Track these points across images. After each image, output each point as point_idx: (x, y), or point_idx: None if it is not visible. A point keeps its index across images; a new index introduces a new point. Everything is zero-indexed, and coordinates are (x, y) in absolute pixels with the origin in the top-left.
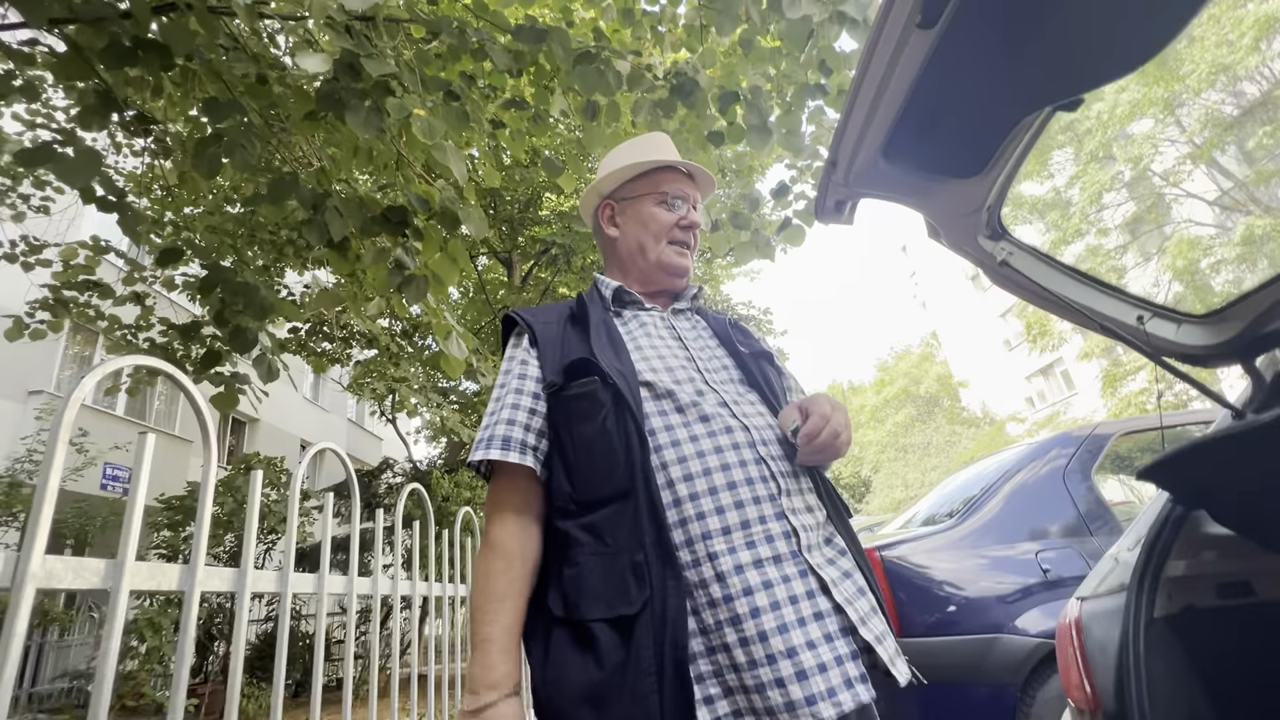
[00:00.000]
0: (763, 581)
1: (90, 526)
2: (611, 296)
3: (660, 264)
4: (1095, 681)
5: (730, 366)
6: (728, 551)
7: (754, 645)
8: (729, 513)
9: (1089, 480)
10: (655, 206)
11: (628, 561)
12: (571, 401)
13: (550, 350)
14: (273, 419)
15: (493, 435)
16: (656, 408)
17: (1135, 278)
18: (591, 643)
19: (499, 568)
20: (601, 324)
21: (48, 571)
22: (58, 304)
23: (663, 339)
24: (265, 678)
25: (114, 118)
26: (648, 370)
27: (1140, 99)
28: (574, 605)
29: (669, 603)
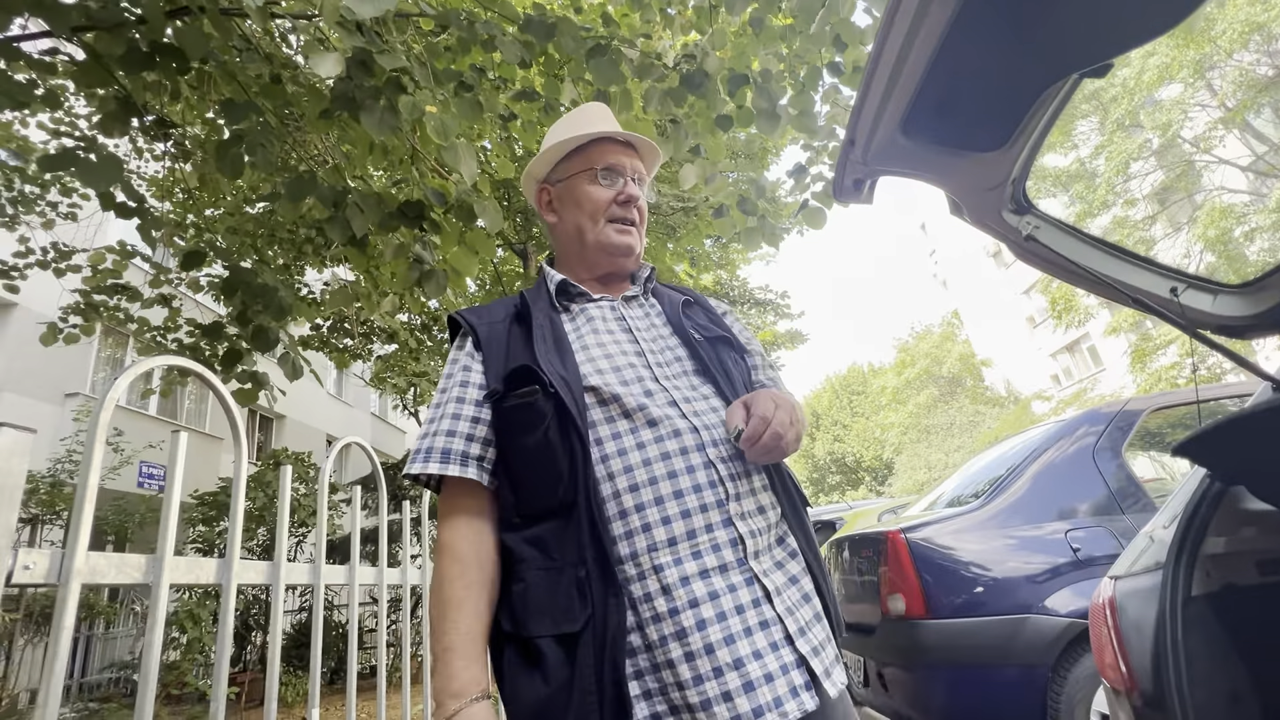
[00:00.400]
0: (709, 592)
1: (129, 523)
2: (556, 291)
3: (601, 245)
4: (1131, 661)
5: (684, 357)
6: (674, 563)
7: (700, 659)
8: (675, 523)
9: (1120, 458)
10: (589, 184)
11: (572, 577)
12: (512, 413)
13: (494, 353)
14: (298, 415)
15: (431, 447)
16: (603, 414)
17: (1165, 249)
18: (539, 660)
19: (454, 573)
20: (546, 323)
21: (92, 568)
22: (89, 308)
23: (611, 334)
24: (301, 666)
25: (134, 123)
26: (593, 373)
27: (1169, 63)
28: (521, 621)
29: (609, 620)
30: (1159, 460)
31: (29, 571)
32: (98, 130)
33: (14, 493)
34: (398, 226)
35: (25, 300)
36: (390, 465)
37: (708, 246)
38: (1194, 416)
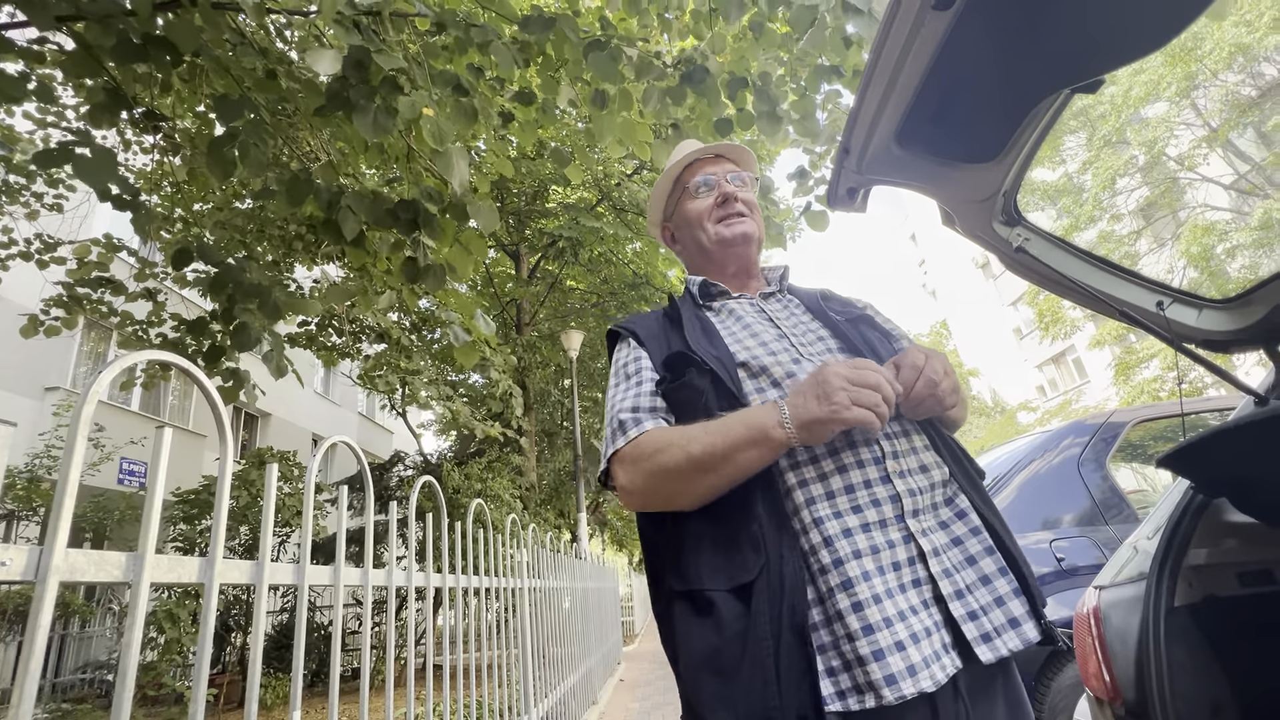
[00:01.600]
0: (870, 546)
1: (108, 520)
2: (699, 290)
3: (719, 243)
4: (1115, 671)
5: (827, 337)
6: (834, 516)
7: (869, 609)
8: (833, 478)
9: (1104, 469)
10: (690, 202)
11: (744, 531)
12: (675, 393)
13: (654, 348)
14: (284, 413)
15: (624, 421)
16: (754, 385)
17: (1150, 264)
18: (710, 610)
19: (674, 436)
20: (694, 318)
21: (70, 565)
22: (71, 301)
23: (756, 322)
24: (282, 668)
25: (123, 115)
26: (742, 351)
27: (1156, 80)
28: (694, 577)
29: (785, 569)
30: (1142, 472)
31: (5, 568)
32: (85, 121)
33: None
34: (392, 225)
35: (6, 292)
36: (377, 465)
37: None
38: (1176, 429)
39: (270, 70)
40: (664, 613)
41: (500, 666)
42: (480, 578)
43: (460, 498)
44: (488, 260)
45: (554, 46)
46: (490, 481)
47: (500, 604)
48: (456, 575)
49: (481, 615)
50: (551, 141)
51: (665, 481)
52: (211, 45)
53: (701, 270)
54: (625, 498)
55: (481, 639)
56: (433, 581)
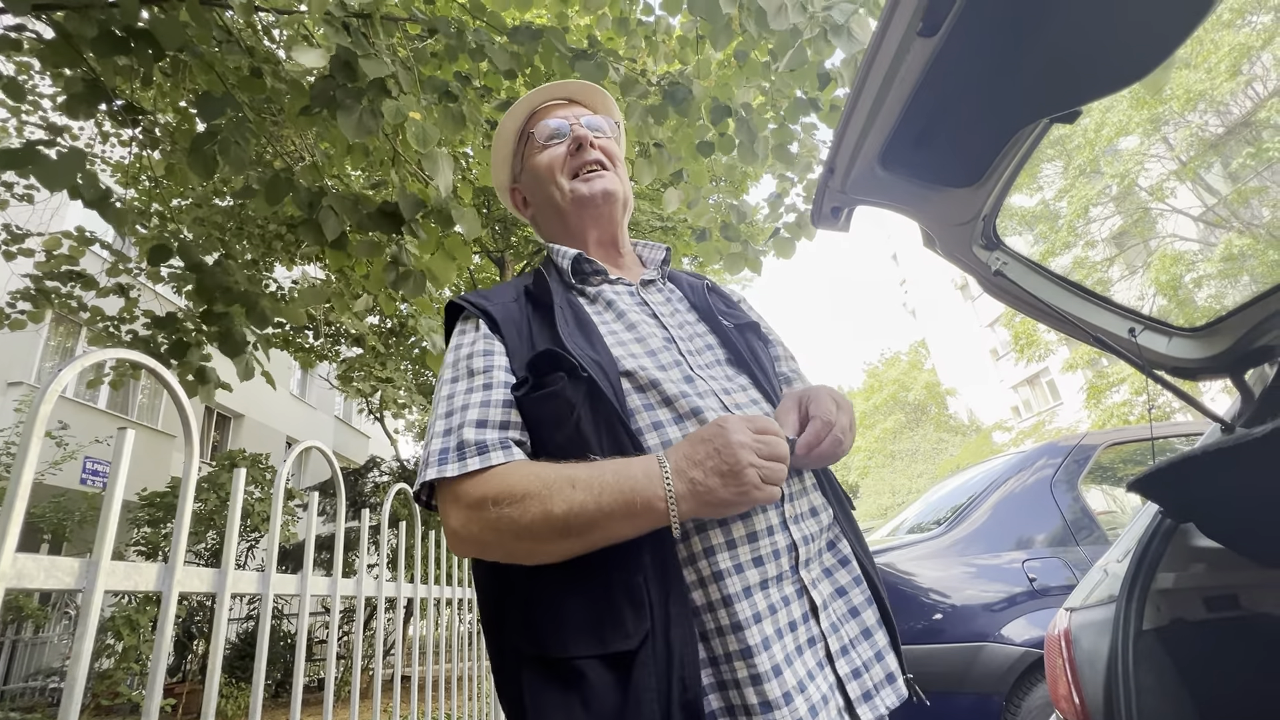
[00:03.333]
0: (769, 605)
1: (68, 521)
2: (570, 268)
3: (575, 202)
4: (1084, 693)
5: (715, 345)
6: (734, 570)
7: (768, 682)
8: (734, 524)
9: (1075, 490)
10: (540, 152)
11: (620, 583)
12: (538, 405)
13: (514, 337)
14: (258, 415)
15: (463, 441)
16: (641, 401)
17: (1121, 290)
18: (578, 683)
19: (531, 476)
20: (566, 305)
21: (18, 571)
22: (39, 294)
23: (638, 317)
24: (245, 677)
25: (102, 107)
26: (626, 357)
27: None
28: (550, 640)
29: (674, 633)
30: (1112, 494)
31: None
32: (63, 112)
33: None
34: (375, 229)
35: None
36: (352, 471)
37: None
38: (1146, 452)
39: (256, 69)
40: (509, 681)
41: (471, 679)
42: (453, 588)
43: None
44: (472, 266)
45: (542, 58)
46: None
47: (473, 615)
48: (429, 585)
49: (454, 626)
50: None
51: (512, 540)
52: (197, 41)
53: (557, 238)
54: (456, 543)
55: (453, 650)
56: (404, 591)
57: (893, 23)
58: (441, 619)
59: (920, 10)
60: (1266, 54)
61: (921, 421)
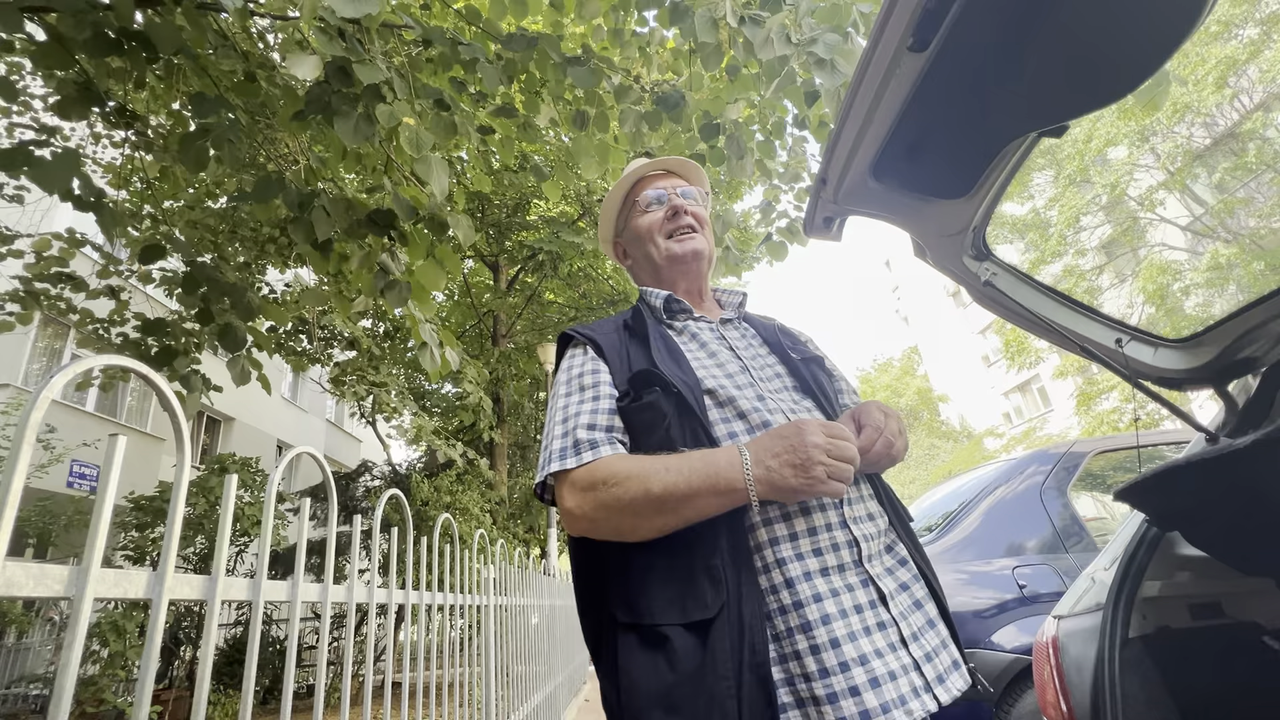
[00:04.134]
0: (830, 589)
1: (54, 525)
2: (663, 306)
3: (669, 259)
4: (1071, 700)
5: (783, 374)
6: (795, 558)
7: (825, 653)
8: (796, 519)
9: (1065, 497)
10: (640, 218)
11: (701, 565)
12: (637, 413)
13: (615, 361)
14: (249, 418)
15: (579, 440)
16: (719, 415)
17: (1111, 298)
18: (663, 646)
19: (632, 467)
20: (659, 335)
21: (7, 579)
22: (28, 296)
23: (718, 349)
24: (233, 684)
25: (94, 109)
26: (708, 377)
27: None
28: (643, 610)
29: (745, 608)
30: (1101, 501)
31: None
32: (54, 113)
33: None
34: (366, 234)
35: None
36: (343, 475)
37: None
38: (1134, 461)
39: (250, 73)
40: (605, 645)
41: (462, 685)
42: (445, 594)
43: (429, 510)
44: (466, 270)
45: (537, 65)
46: (460, 495)
47: (465, 621)
48: (420, 591)
49: (445, 632)
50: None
51: (618, 516)
52: (192, 45)
53: (652, 286)
54: (571, 522)
55: (444, 657)
56: (395, 598)
57: (884, 38)
58: (433, 625)
59: (911, 26)
60: (1253, 67)
61: (914, 427)
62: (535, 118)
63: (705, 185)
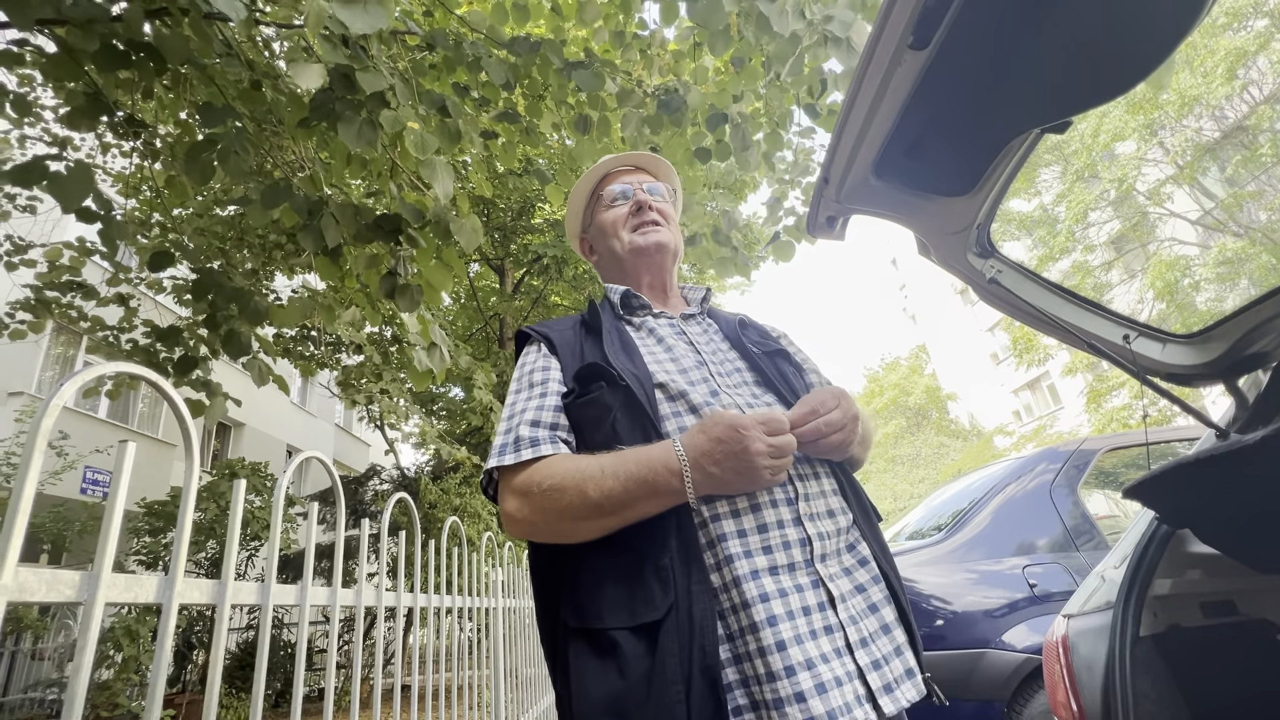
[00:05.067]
0: (778, 589)
1: (68, 531)
2: (620, 301)
3: (632, 251)
4: (1082, 700)
5: (743, 369)
6: (743, 555)
7: (772, 655)
8: (745, 516)
9: (1075, 495)
10: (605, 212)
11: (651, 565)
12: (581, 409)
13: (568, 357)
14: (258, 423)
15: (520, 437)
16: (670, 409)
17: (1120, 294)
18: (613, 651)
19: (569, 467)
20: (613, 329)
21: (20, 584)
22: (40, 304)
23: (675, 343)
24: (244, 687)
25: (103, 119)
26: (660, 372)
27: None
28: (591, 614)
29: (695, 607)
30: (1112, 499)
31: None
32: (64, 124)
33: None
34: (374, 239)
35: None
36: (352, 479)
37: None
38: (1145, 459)
39: (256, 82)
40: (557, 651)
41: (472, 688)
42: (454, 597)
43: (436, 513)
44: (472, 274)
45: (540, 70)
46: (468, 498)
47: (474, 624)
48: (429, 595)
49: (454, 635)
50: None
51: (556, 520)
52: (199, 55)
53: (615, 280)
54: (511, 526)
55: (453, 659)
56: (404, 601)
57: (884, 36)
58: (442, 628)
59: (911, 24)
60: (1262, 58)
61: (922, 426)
62: (538, 122)
63: (674, 183)
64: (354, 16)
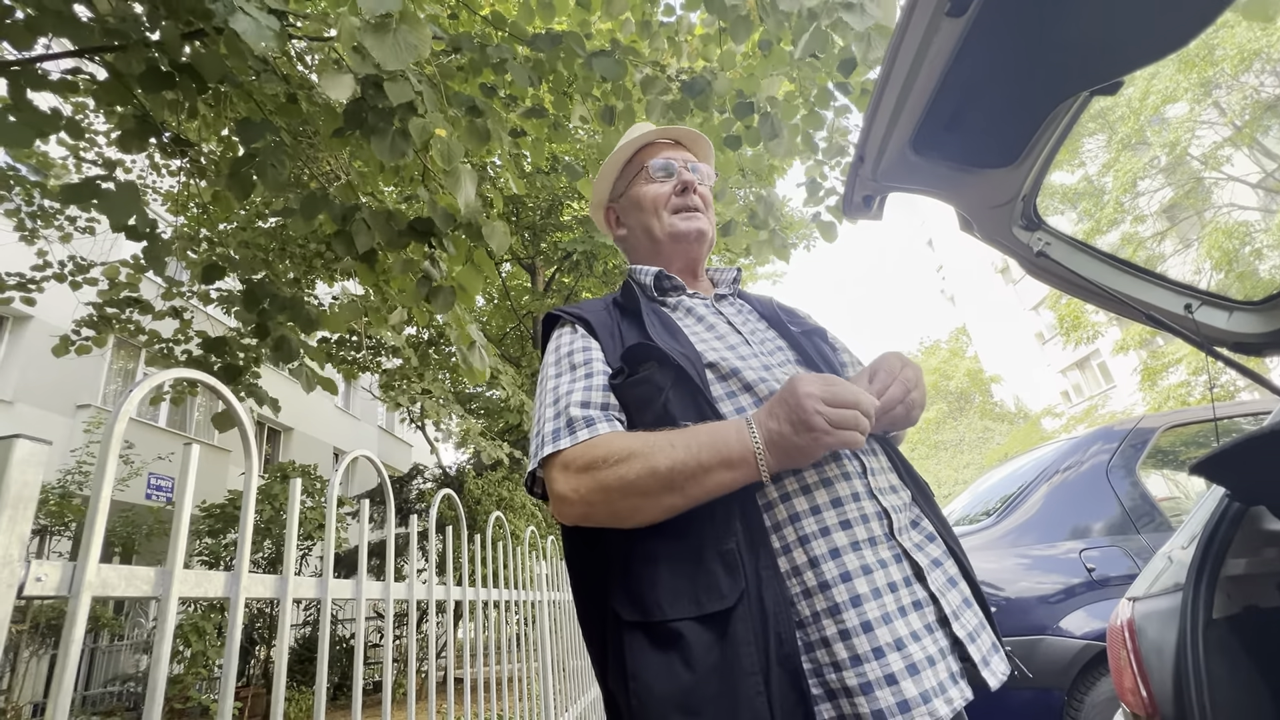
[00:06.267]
0: (861, 566)
1: (136, 535)
2: (653, 283)
3: (671, 235)
4: (1151, 685)
5: (784, 347)
6: (820, 533)
7: (857, 638)
8: (817, 491)
9: (1134, 476)
10: (645, 184)
11: (714, 549)
12: (631, 389)
13: (606, 338)
14: (305, 428)
15: (573, 418)
16: (724, 389)
17: (1174, 266)
18: (675, 643)
19: (636, 449)
20: (651, 311)
21: (102, 580)
22: (101, 320)
23: (715, 322)
24: (304, 681)
25: (152, 140)
26: (709, 351)
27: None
28: (650, 604)
29: (766, 593)
30: (1173, 479)
31: (40, 584)
32: (116, 147)
33: (29, 504)
34: (408, 243)
35: (41, 313)
36: (397, 479)
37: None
38: (1209, 434)
39: (291, 94)
40: (610, 646)
41: (521, 680)
42: (500, 590)
43: (480, 508)
44: (504, 274)
45: (564, 64)
46: (513, 492)
47: (520, 617)
48: (476, 588)
49: (501, 628)
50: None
51: (619, 497)
52: (235, 72)
53: (643, 260)
54: (563, 508)
55: (501, 652)
56: (453, 595)
57: (919, 3)
58: (490, 621)
59: None
60: None
61: (965, 411)
62: (565, 116)
63: (712, 163)
64: (385, 51)
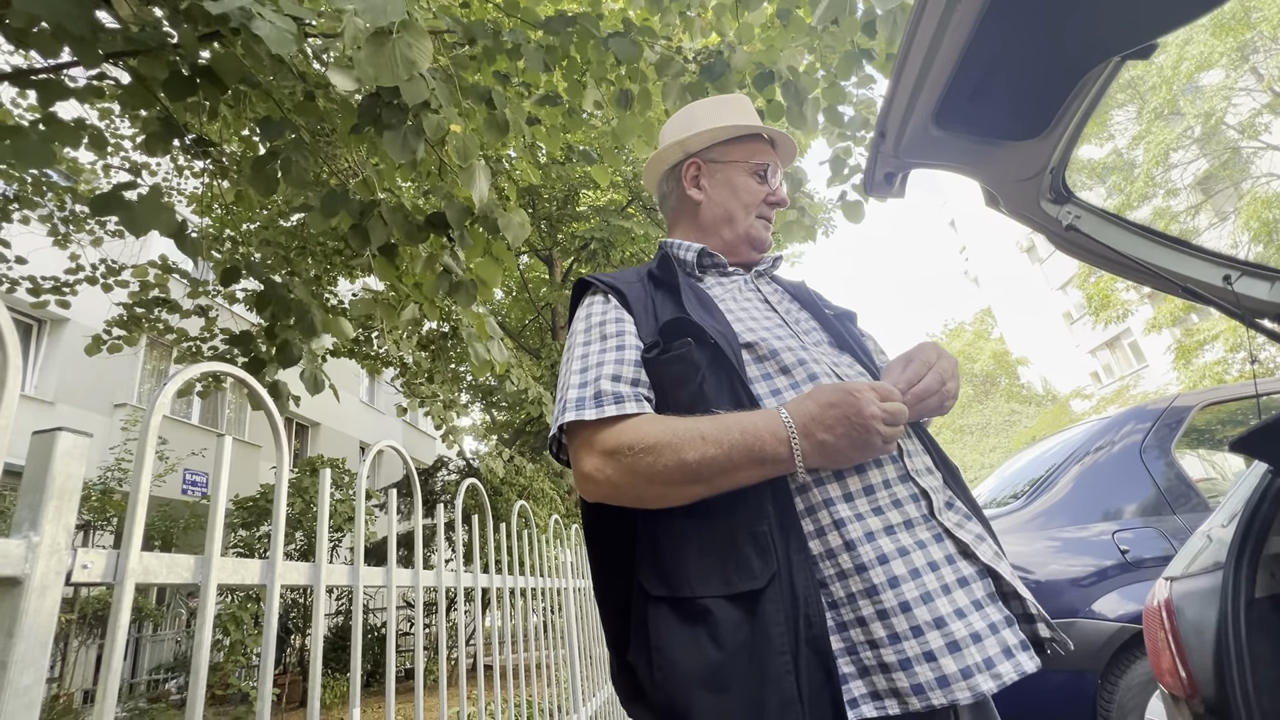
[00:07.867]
0: (897, 549)
1: (174, 529)
2: (695, 260)
3: (747, 237)
4: (1191, 666)
5: (818, 329)
6: (854, 518)
7: (895, 618)
8: (850, 478)
9: (1169, 455)
10: (749, 176)
11: (746, 531)
12: (666, 366)
13: (640, 311)
14: (332, 423)
15: (600, 391)
16: (760, 370)
17: (1209, 239)
18: (704, 619)
19: (665, 440)
20: (689, 286)
21: (145, 568)
22: (131, 320)
23: (750, 302)
24: (338, 668)
25: (175, 143)
26: (746, 331)
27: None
28: (679, 581)
29: (798, 577)
30: (1210, 459)
31: (86, 571)
32: (142, 150)
33: (73, 494)
34: (426, 237)
35: (77, 316)
36: (422, 471)
37: None
38: (1247, 412)
39: (309, 92)
40: (634, 619)
41: (548, 666)
42: (525, 578)
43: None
44: (521, 266)
45: (577, 48)
46: (536, 479)
47: (545, 604)
48: (503, 575)
49: (528, 615)
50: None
51: (648, 484)
52: (253, 72)
53: (700, 233)
54: (588, 486)
55: (529, 639)
56: (480, 582)
57: None
58: (516, 608)
59: None
60: None
61: (991, 393)
62: (580, 102)
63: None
64: (381, 65)
